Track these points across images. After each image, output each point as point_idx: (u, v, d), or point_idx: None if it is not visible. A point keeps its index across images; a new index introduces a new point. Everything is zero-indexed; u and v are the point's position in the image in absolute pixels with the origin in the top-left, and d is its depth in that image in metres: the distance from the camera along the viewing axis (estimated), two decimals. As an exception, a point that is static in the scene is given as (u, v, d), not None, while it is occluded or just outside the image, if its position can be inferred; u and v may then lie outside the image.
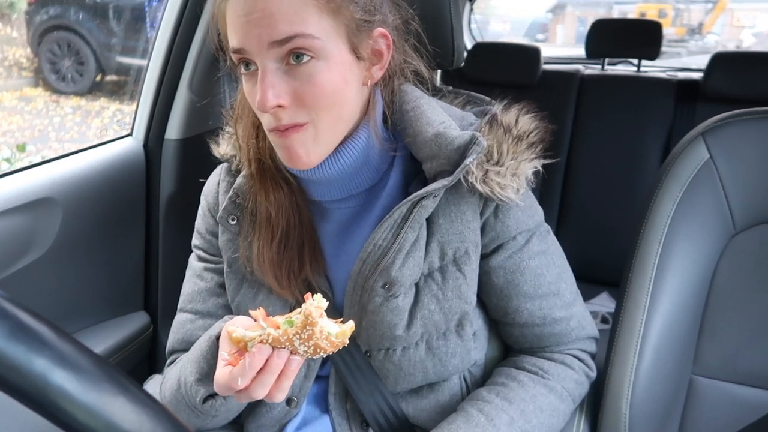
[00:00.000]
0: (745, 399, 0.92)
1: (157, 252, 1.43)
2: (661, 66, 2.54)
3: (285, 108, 0.68)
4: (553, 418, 0.80)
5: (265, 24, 0.65)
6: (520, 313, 0.80)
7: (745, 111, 0.92)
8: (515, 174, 0.75)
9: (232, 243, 0.83)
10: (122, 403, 0.30)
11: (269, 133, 0.72)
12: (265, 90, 0.66)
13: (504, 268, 0.79)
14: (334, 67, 0.68)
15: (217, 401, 0.73)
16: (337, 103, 0.70)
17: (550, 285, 0.81)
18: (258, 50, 0.66)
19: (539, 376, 0.82)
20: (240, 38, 0.67)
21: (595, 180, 2.04)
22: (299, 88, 0.67)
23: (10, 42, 4.75)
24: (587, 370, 0.88)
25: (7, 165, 2.60)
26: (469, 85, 1.28)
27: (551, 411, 0.80)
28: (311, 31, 0.66)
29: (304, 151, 0.71)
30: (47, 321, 0.30)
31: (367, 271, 0.75)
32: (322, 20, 0.66)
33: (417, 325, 0.76)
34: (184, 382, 0.75)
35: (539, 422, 0.78)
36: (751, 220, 0.91)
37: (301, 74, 0.67)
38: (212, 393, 0.73)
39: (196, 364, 0.74)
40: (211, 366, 0.72)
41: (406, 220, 0.74)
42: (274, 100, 0.66)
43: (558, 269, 0.82)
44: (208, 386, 0.73)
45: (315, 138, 0.71)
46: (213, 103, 1.39)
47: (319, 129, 0.71)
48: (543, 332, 0.82)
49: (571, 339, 0.84)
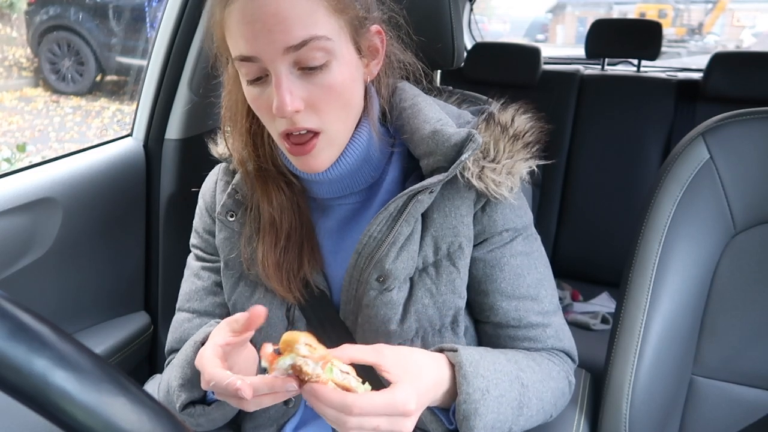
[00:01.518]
0: (745, 399, 0.92)
1: (157, 252, 1.43)
2: (661, 66, 2.53)
3: (300, 111, 0.67)
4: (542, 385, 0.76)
5: (279, 29, 0.64)
6: (496, 312, 0.79)
7: (745, 111, 0.92)
8: (510, 172, 0.75)
9: (229, 241, 0.83)
10: (122, 403, 0.30)
11: (279, 137, 0.71)
12: (284, 96, 0.65)
13: (484, 261, 0.78)
14: (344, 66, 0.69)
15: (196, 410, 0.74)
16: (348, 103, 0.71)
17: (529, 288, 0.79)
18: (272, 57, 0.65)
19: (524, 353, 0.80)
20: (251, 45, 0.65)
21: (595, 180, 2.04)
22: (314, 91, 0.67)
23: (10, 42, 4.76)
24: (568, 371, 0.83)
25: (7, 165, 2.60)
26: (469, 85, 1.28)
27: (542, 376, 0.76)
28: (324, 33, 0.65)
29: (316, 161, 0.72)
30: (47, 321, 0.30)
31: (362, 264, 0.76)
32: (331, 20, 0.66)
33: (411, 319, 0.76)
34: (170, 386, 0.76)
35: (532, 377, 0.74)
36: (751, 220, 0.91)
37: (315, 76, 0.67)
38: (193, 400, 0.74)
39: (181, 369, 0.74)
40: (194, 372, 0.72)
41: (401, 214, 0.74)
42: (292, 105, 0.66)
43: (540, 275, 0.81)
44: (190, 392, 0.73)
45: (329, 143, 0.72)
46: (213, 103, 1.39)
47: (332, 134, 0.71)
48: (517, 334, 0.80)
49: (546, 346, 0.81)
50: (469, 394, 0.66)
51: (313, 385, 0.58)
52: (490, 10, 9.03)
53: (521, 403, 0.72)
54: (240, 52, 0.67)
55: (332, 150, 0.73)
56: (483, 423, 0.67)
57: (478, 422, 0.67)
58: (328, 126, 0.70)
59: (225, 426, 0.83)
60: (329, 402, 0.57)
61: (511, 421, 0.71)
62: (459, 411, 0.67)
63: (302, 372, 0.58)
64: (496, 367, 0.70)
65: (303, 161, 0.72)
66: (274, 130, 0.71)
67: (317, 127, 0.69)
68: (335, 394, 0.58)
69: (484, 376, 0.68)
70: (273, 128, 0.72)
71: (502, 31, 9.86)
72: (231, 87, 0.78)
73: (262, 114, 0.71)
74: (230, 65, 0.76)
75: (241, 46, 0.66)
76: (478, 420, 0.67)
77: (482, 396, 0.67)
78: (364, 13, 0.71)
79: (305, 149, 0.70)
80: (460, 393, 0.67)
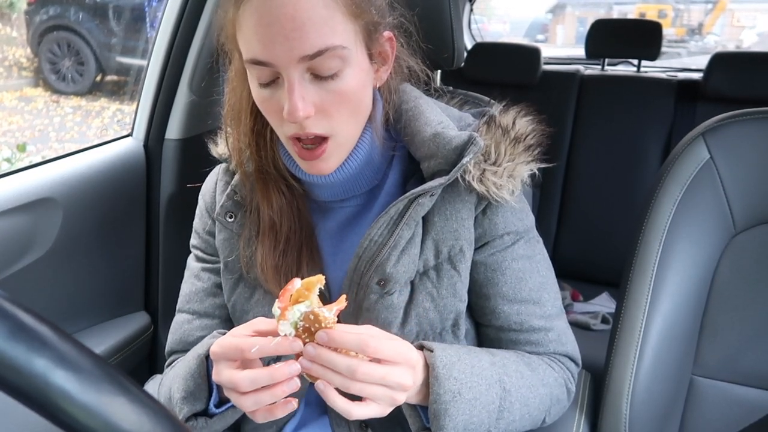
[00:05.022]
0: (745, 399, 0.92)
1: (157, 252, 1.43)
2: (661, 66, 2.54)
3: (311, 117, 0.67)
4: (530, 391, 0.75)
5: (295, 36, 0.63)
6: (497, 315, 0.79)
7: (745, 111, 0.92)
8: (511, 176, 0.75)
9: (228, 242, 0.83)
10: (122, 403, 0.30)
11: (288, 140, 0.71)
12: (296, 102, 0.65)
13: (485, 265, 0.78)
14: (357, 73, 0.68)
15: (198, 422, 0.73)
16: (358, 108, 0.71)
17: (531, 292, 0.79)
18: (287, 63, 0.64)
19: (519, 356, 0.79)
20: (266, 50, 0.64)
21: (595, 180, 2.04)
22: (326, 98, 0.67)
23: (10, 42, 4.75)
24: (568, 379, 0.83)
25: (7, 165, 2.60)
26: (469, 85, 1.28)
27: (532, 381, 0.76)
28: (340, 42, 0.65)
29: (326, 165, 0.72)
30: (47, 321, 0.30)
31: (363, 268, 0.75)
32: (347, 26, 0.66)
33: (412, 323, 0.76)
34: (171, 397, 0.76)
35: (518, 383, 0.74)
36: (751, 221, 0.91)
37: (328, 83, 0.67)
38: (195, 412, 0.74)
39: (183, 381, 0.74)
40: (197, 384, 0.73)
41: (402, 217, 0.74)
42: (304, 111, 0.65)
43: (542, 279, 0.80)
44: (192, 405, 0.73)
45: (338, 147, 0.72)
46: (213, 103, 1.39)
47: (341, 139, 0.71)
48: (519, 338, 0.79)
49: (548, 351, 0.81)
50: (440, 395, 0.67)
51: (327, 330, 0.60)
52: (490, 11, 9.03)
53: (501, 407, 0.72)
54: (254, 56, 0.66)
55: (341, 154, 0.73)
56: (453, 424, 0.67)
57: (447, 422, 0.67)
58: (337, 131, 0.70)
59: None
60: (346, 341, 0.60)
61: (489, 424, 0.71)
62: (430, 410, 0.68)
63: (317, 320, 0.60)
64: (474, 370, 0.70)
65: (312, 164, 0.72)
66: (282, 132, 0.71)
67: (326, 132, 0.69)
68: (352, 334, 0.60)
69: (458, 378, 0.68)
70: (281, 130, 0.71)
71: (502, 32, 9.85)
72: (236, 84, 0.78)
73: (270, 116, 0.71)
74: (235, 62, 0.76)
75: (255, 50, 0.65)
76: (448, 420, 0.67)
77: (453, 398, 0.67)
78: (379, 18, 0.70)
79: (315, 154, 0.70)
80: (431, 393, 0.67)
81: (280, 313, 0.61)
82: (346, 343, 0.60)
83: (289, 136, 0.70)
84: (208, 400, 0.74)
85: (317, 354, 0.60)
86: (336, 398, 0.61)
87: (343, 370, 0.60)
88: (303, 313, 0.60)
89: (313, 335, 0.61)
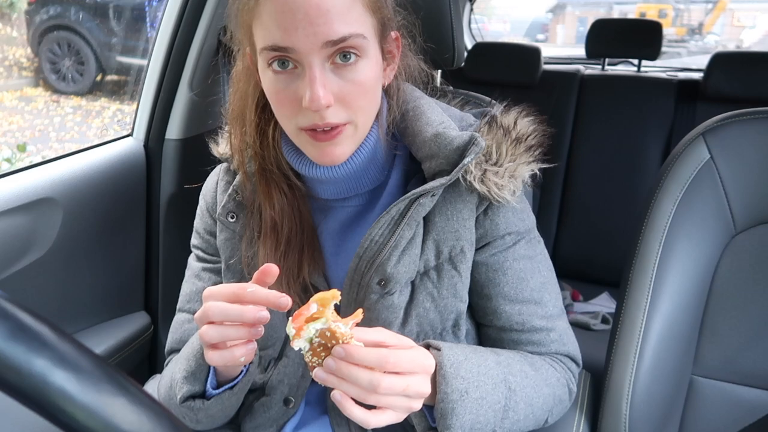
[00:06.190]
0: (745, 399, 0.92)
1: (157, 252, 1.43)
2: (662, 66, 2.54)
3: (331, 106, 0.67)
4: (535, 391, 0.76)
5: (320, 22, 0.63)
6: (499, 316, 0.79)
7: (745, 111, 0.92)
8: (513, 176, 0.75)
9: (230, 242, 0.83)
10: (122, 403, 0.30)
11: (301, 132, 0.70)
12: (317, 89, 0.65)
13: (486, 265, 0.78)
14: (373, 66, 0.69)
15: (195, 403, 0.74)
16: (373, 100, 0.71)
17: (532, 292, 0.79)
18: (309, 49, 0.64)
19: (523, 356, 0.80)
20: (290, 36, 0.64)
21: (595, 180, 2.04)
22: (345, 87, 0.67)
23: (10, 42, 4.75)
24: (569, 379, 0.83)
25: (7, 165, 2.60)
26: (469, 85, 1.28)
27: (535, 381, 0.76)
28: (362, 31, 0.66)
29: (339, 149, 0.71)
30: (47, 321, 0.30)
31: (363, 268, 0.75)
32: (366, 18, 0.67)
33: (412, 323, 0.76)
34: (173, 379, 0.76)
35: (522, 383, 0.74)
36: (751, 221, 0.91)
37: (348, 73, 0.67)
38: (194, 394, 0.74)
39: (186, 361, 0.75)
40: (199, 365, 0.73)
41: (403, 217, 0.74)
42: (326, 99, 0.65)
43: (543, 279, 0.81)
44: (192, 384, 0.73)
45: (352, 136, 0.72)
46: (213, 102, 1.39)
47: (358, 125, 0.71)
48: (520, 338, 0.80)
49: (550, 351, 0.81)
50: (447, 393, 0.67)
51: (345, 345, 0.60)
52: (490, 10, 9.04)
53: (506, 406, 0.72)
54: (274, 42, 0.65)
55: (354, 141, 0.72)
56: (460, 423, 0.67)
57: (454, 421, 0.67)
58: (355, 118, 0.70)
59: (225, 426, 0.83)
60: (365, 358, 0.59)
61: (494, 424, 0.71)
62: (437, 409, 0.68)
63: (333, 336, 0.59)
64: (480, 369, 0.70)
65: (324, 151, 0.71)
66: (293, 124, 0.70)
67: (345, 121, 0.69)
68: (371, 350, 0.60)
69: (465, 377, 0.68)
70: (292, 122, 0.70)
71: (502, 31, 9.86)
72: (240, 81, 0.78)
73: (284, 107, 0.70)
74: (242, 58, 0.76)
75: (276, 36, 0.65)
76: (455, 419, 0.67)
77: (460, 397, 0.67)
78: (391, 15, 0.72)
79: (331, 134, 0.69)
80: (438, 392, 0.67)
81: (295, 332, 0.60)
82: (365, 360, 0.60)
83: (305, 127, 0.69)
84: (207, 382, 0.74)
85: (338, 368, 0.60)
86: (353, 408, 0.61)
87: (365, 385, 0.60)
88: (318, 330, 0.60)
89: (329, 350, 0.60)
